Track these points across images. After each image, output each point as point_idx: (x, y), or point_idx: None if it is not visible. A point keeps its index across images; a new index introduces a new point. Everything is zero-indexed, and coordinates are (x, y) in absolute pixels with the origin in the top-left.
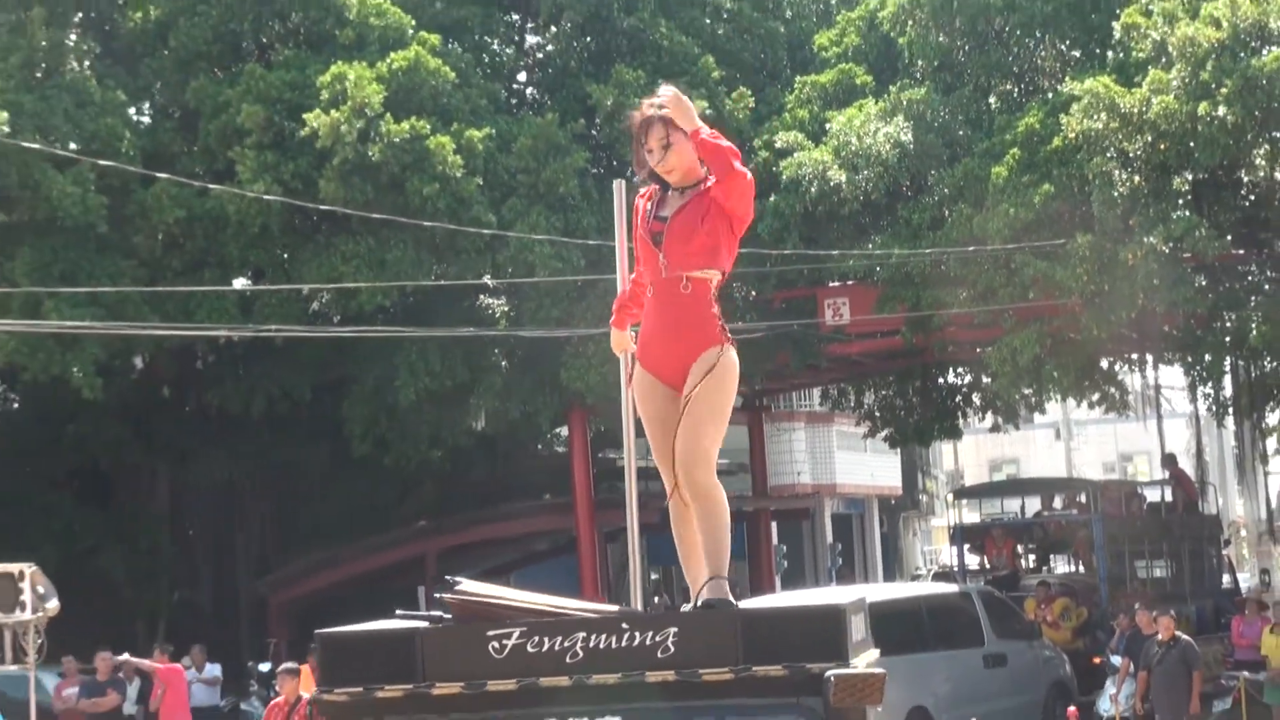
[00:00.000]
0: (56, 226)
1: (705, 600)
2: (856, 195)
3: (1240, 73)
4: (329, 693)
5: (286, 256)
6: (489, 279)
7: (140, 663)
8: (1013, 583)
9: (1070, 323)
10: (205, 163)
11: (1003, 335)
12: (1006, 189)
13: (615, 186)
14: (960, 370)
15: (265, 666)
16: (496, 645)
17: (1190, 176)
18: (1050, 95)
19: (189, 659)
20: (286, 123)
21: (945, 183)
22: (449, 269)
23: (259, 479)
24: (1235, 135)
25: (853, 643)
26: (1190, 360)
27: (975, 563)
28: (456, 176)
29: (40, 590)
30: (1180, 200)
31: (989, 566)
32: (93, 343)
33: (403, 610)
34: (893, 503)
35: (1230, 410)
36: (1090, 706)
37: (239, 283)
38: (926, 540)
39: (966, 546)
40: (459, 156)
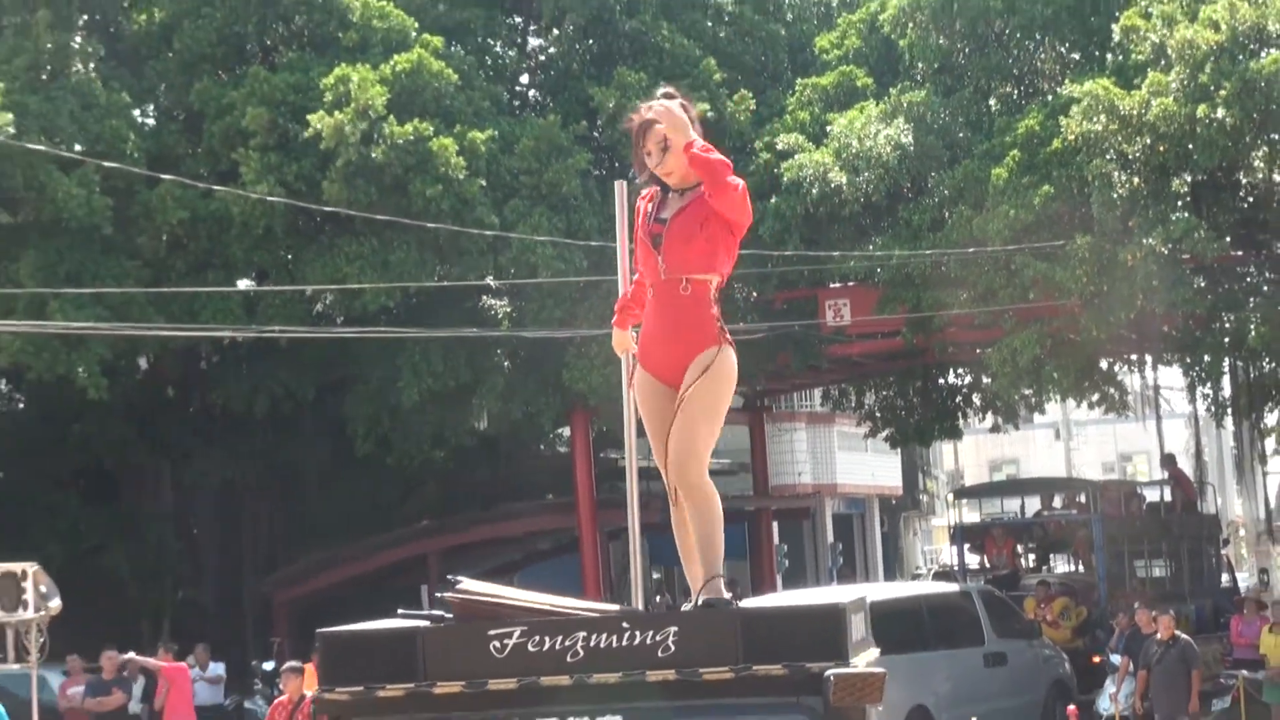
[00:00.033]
0: (62, 228)
1: (705, 600)
2: (857, 197)
3: (1239, 75)
4: (330, 691)
5: (290, 257)
6: (491, 280)
7: (145, 661)
8: (1013, 582)
9: (1070, 324)
10: (209, 164)
11: (1003, 336)
12: (1006, 190)
13: (616, 187)
14: (960, 371)
15: (269, 665)
16: (497, 644)
17: (1189, 178)
18: (1050, 97)
19: (193, 658)
20: (290, 125)
21: (945, 184)
22: (452, 270)
23: (263, 478)
24: (1234, 137)
25: (853, 642)
26: (1189, 361)
27: (975, 562)
28: (459, 178)
29: (43, 589)
30: (1179, 202)
31: (989, 566)
32: (98, 343)
33: (404, 609)
34: (893, 502)
35: (1229, 410)
36: (1090, 705)
37: (243, 283)
38: (927, 540)
39: (967, 546)
40: (462, 158)
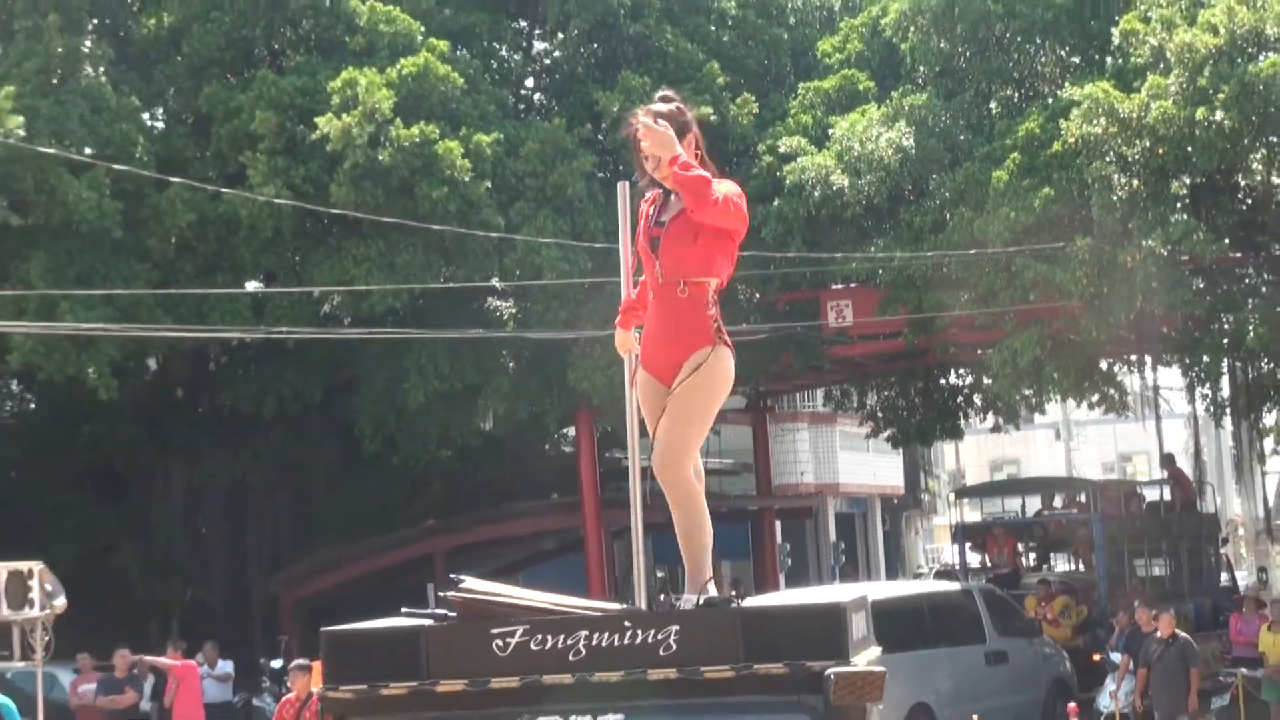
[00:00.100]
0: (72, 230)
1: (706, 599)
2: (859, 199)
3: (1237, 78)
4: (334, 690)
5: (298, 259)
6: (497, 281)
7: (156, 661)
8: (1013, 581)
9: (1070, 325)
10: (218, 167)
11: (1003, 337)
12: (1007, 193)
13: (619, 189)
14: (962, 371)
15: (277, 663)
16: (500, 643)
17: (1188, 180)
18: (1050, 100)
19: (201, 656)
20: (298, 128)
21: (947, 187)
22: (458, 271)
23: (270, 478)
24: (1232, 140)
25: (853, 640)
26: (1188, 361)
27: (976, 561)
28: (465, 180)
29: (48, 588)
30: (1178, 204)
31: (990, 565)
32: (108, 344)
33: (409, 609)
34: (895, 502)
35: (1228, 411)
36: (1090, 703)
37: (251, 285)
38: (928, 539)
39: (968, 545)
40: (467, 160)
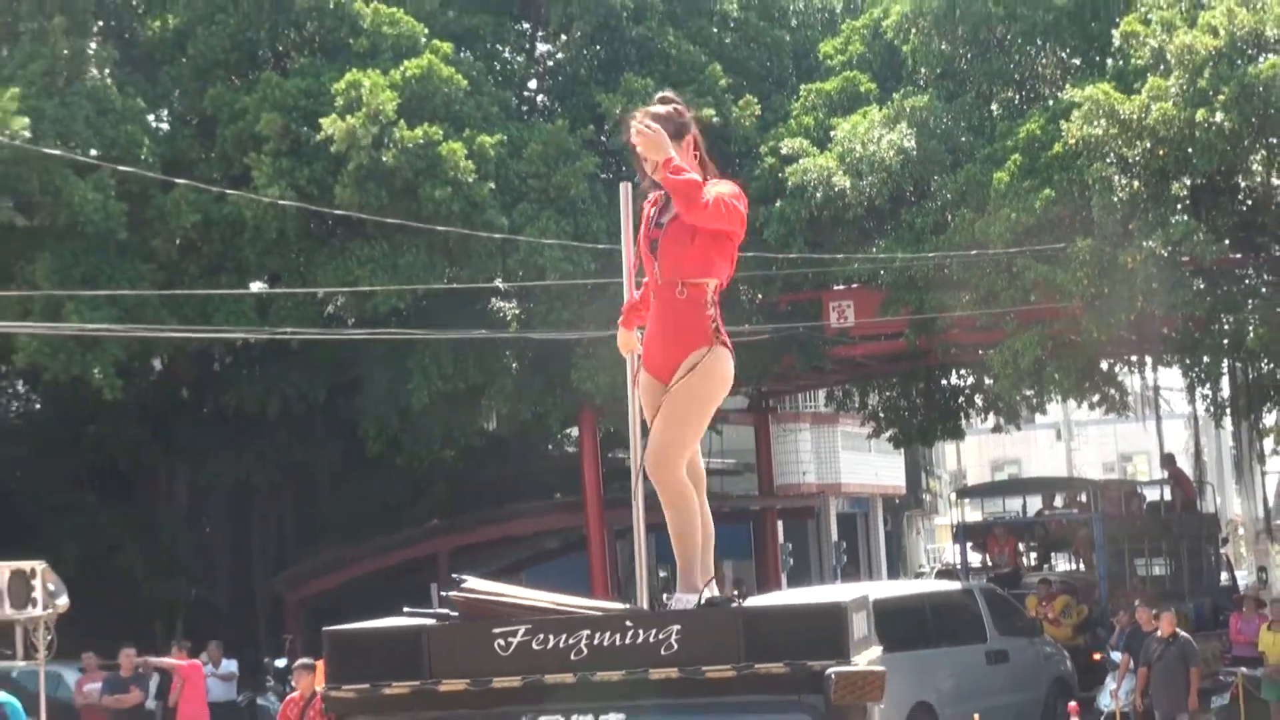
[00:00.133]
0: (77, 231)
1: (708, 599)
2: (861, 200)
3: (1237, 80)
4: (336, 689)
5: (302, 260)
6: (500, 282)
7: (161, 662)
8: (1014, 580)
9: (1071, 325)
10: (222, 169)
11: (1004, 338)
12: (1008, 194)
13: (621, 190)
14: (963, 372)
15: (281, 662)
16: (502, 643)
17: (1188, 182)
18: (1051, 102)
19: (206, 655)
20: (302, 129)
21: (948, 188)
22: (461, 272)
23: (275, 479)
24: (1232, 141)
25: (854, 640)
26: (1189, 362)
27: (978, 561)
28: (468, 181)
29: (51, 587)
30: (1179, 205)
31: (991, 564)
32: (113, 344)
33: (411, 608)
34: (897, 502)
35: (1228, 411)
36: (1090, 702)
37: (256, 286)
38: (930, 538)
39: (969, 545)
40: (471, 162)
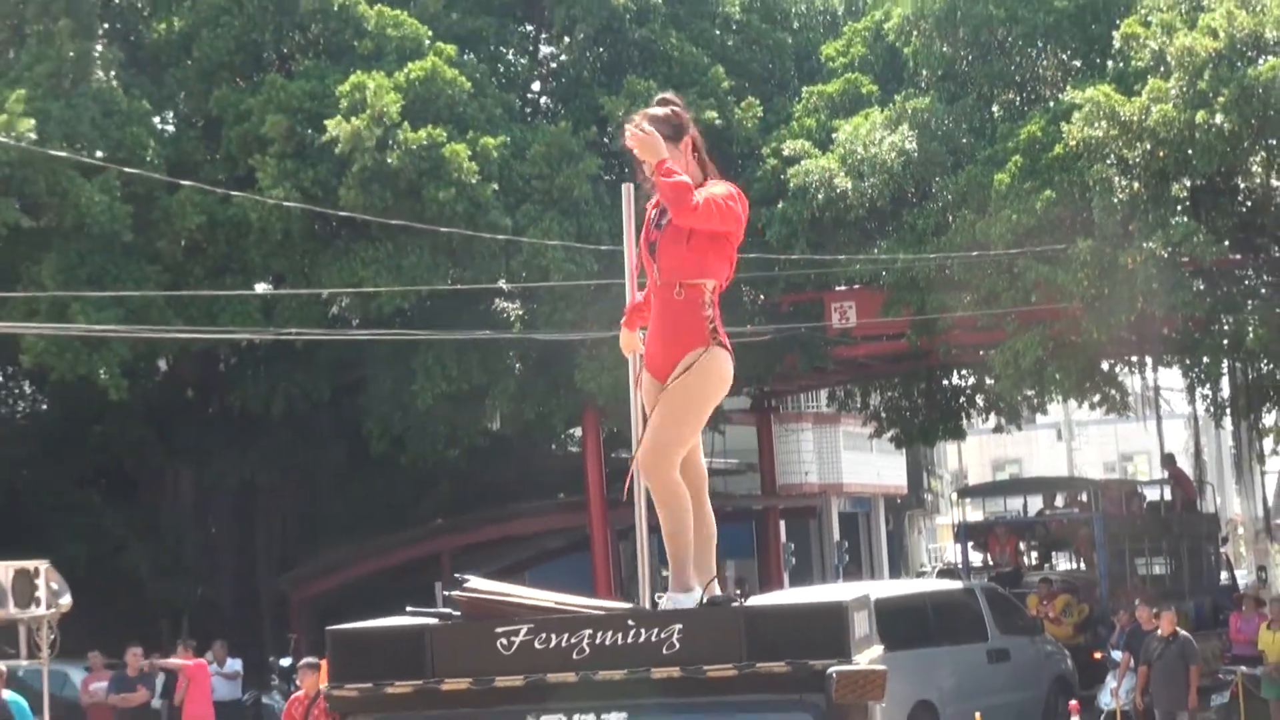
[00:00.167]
0: (83, 232)
1: (710, 598)
2: (862, 202)
3: (1237, 82)
4: (340, 688)
5: (307, 261)
6: (504, 283)
7: (166, 663)
8: (1015, 579)
9: (1071, 326)
10: (227, 170)
11: (1005, 338)
12: (1009, 195)
13: (624, 191)
14: (964, 372)
15: (286, 661)
16: (505, 642)
17: (1188, 183)
18: (1051, 104)
19: (211, 654)
20: (307, 131)
21: (949, 189)
22: (465, 273)
23: (279, 478)
24: (1232, 143)
25: (855, 639)
26: (1189, 362)
27: (979, 560)
28: (472, 183)
29: (54, 586)
30: (1179, 206)
31: (992, 564)
32: (118, 345)
33: (414, 607)
34: (898, 501)
35: (1228, 411)
36: (1091, 700)
37: (261, 287)
38: (931, 538)
39: (970, 544)
40: (474, 163)
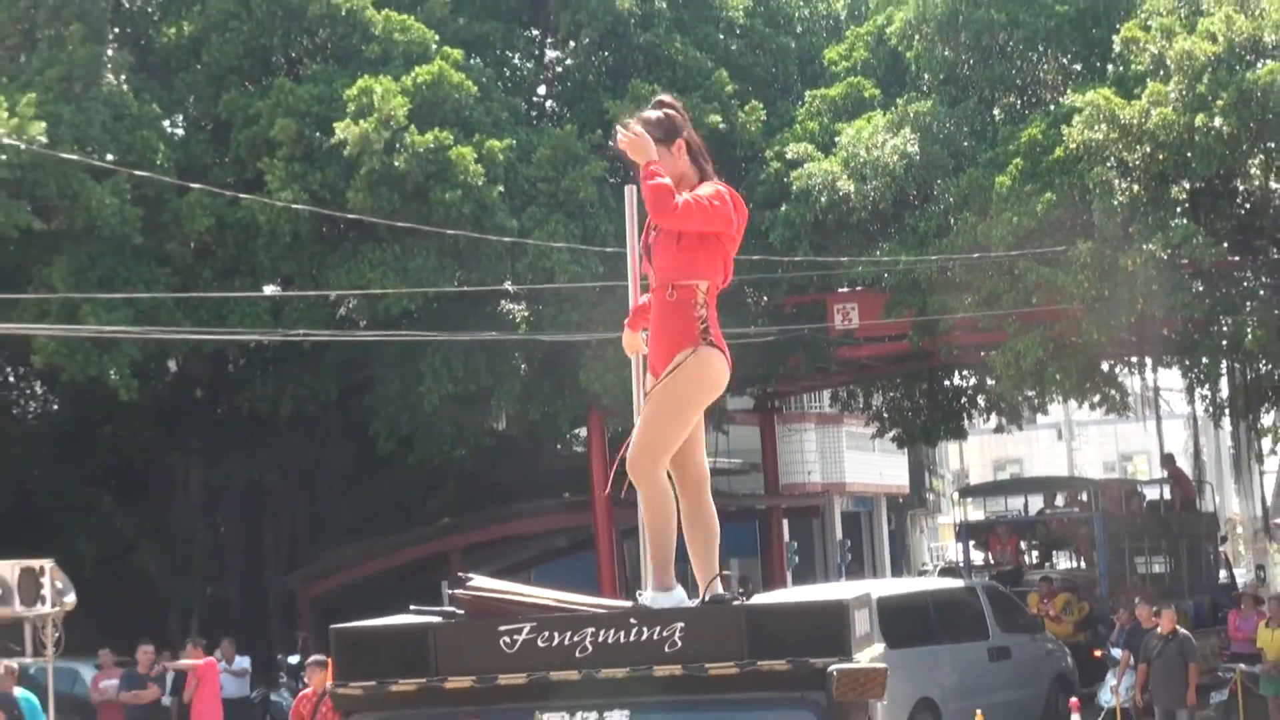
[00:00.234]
0: (94, 234)
1: (712, 596)
2: (865, 204)
3: (1235, 85)
4: (344, 686)
5: (315, 263)
6: (510, 285)
7: (179, 664)
8: (1016, 578)
9: (1072, 327)
10: (236, 173)
11: (1007, 339)
12: (1010, 198)
13: (626, 193)
14: (965, 373)
15: (294, 659)
16: (508, 640)
17: (1188, 185)
18: (1052, 107)
19: (219, 652)
20: (315, 135)
21: (950, 192)
22: (471, 275)
23: (287, 478)
24: (1231, 146)
25: (856, 637)
26: (1188, 363)
27: (980, 559)
28: (478, 185)
29: (59, 585)
30: (1178, 209)
31: (993, 562)
32: (129, 346)
33: (421, 606)
34: (900, 501)
35: (1227, 411)
36: (1091, 698)
37: (269, 289)
38: (933, 537)
39: (971, 543)
40: (480, 166)
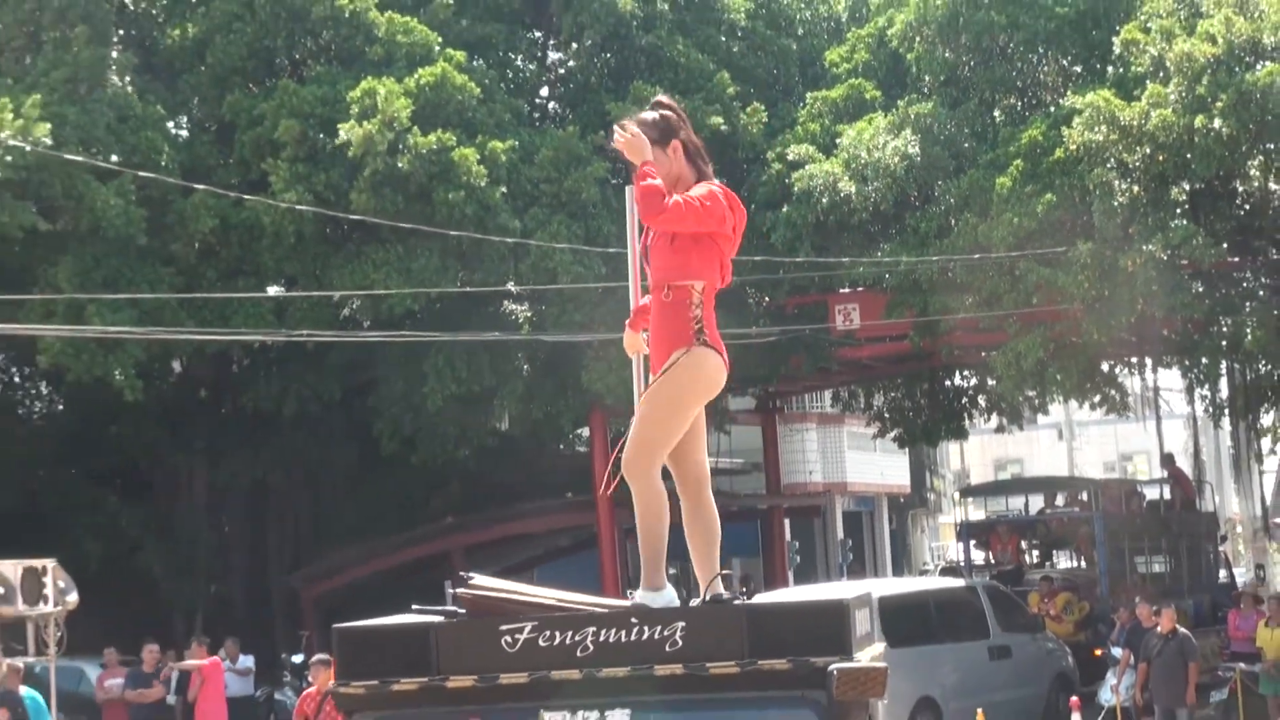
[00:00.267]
0: (99, 235)
1: (713, 596)
2: (866, 205)
3: (1235, 87)
4: (346, 685)
5: (319, 264)
6: (513, 285)
7: (185, 665)
8: (1017, 577)
9: (1072, 327)
10: (240, 174)
11: (1007, 340)
12: (1010, 199)
13: (627, 193)
14: (966, 373)
15: (298, 658)
16: (509, 639)
17: (1187, 187)
18: (1052, 109)
19: (224, 651)
20: (319, 136)
21: (951, 193)
22: (474, 275)
23: (291, 478)
24: (1230, 147)
25: (856, 637)
26: (1188, 363)
27: (981, 558)
28: (481, 186)
29: (61, 584)
30: (1178, 209)
31: (994, 562)
32: (133, 346)
33: (424, 605)
34: (901, 501)
35: (1226, 411)
36: (1092, 697)
37: (273, 289)
38: (934, 537)
39: (972, 543)
40: (483, 167)
